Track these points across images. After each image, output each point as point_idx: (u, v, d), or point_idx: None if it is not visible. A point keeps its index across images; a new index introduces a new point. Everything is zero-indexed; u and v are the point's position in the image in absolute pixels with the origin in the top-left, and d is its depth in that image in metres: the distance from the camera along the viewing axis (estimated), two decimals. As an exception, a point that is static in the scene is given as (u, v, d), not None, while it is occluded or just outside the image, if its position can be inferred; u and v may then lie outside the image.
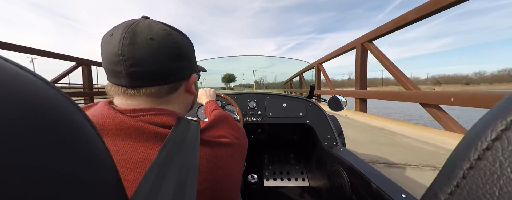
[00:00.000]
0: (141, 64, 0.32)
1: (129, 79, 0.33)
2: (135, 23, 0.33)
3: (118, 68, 0.32)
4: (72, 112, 0.14)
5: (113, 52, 0.31)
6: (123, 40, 0.31)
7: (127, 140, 0.29)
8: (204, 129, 0.36)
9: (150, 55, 0.32)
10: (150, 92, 0.35)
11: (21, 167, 0.10)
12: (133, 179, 0.27)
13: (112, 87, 0.35)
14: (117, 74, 0.33)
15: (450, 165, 0.17)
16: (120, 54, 0.31)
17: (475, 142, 0.15)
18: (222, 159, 0.34)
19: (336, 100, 1.28)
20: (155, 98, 0.36)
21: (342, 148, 1.00)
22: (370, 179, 0.63)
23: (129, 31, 0.32)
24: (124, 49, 0.31)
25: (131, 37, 0.31)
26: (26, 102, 0.11)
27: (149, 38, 0.32)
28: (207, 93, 0.89)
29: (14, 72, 0.12)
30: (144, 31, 0.32)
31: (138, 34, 0.32)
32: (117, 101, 0.36)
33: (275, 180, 1.46)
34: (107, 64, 0.33)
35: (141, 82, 0.34)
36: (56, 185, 0.11)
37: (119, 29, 0.32)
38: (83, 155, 0.13)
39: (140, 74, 0.33)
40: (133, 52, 0.31)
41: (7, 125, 0.10)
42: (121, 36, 0.31)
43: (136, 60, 0.32)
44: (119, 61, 0.31)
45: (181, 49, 0.36)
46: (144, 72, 0.33)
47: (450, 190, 0.16)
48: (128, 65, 0.32)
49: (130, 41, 0.31)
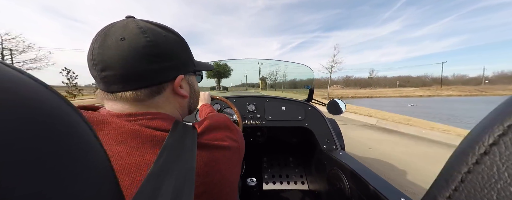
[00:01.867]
0: (111, 68, 0.30)
1: (103, 84, 0.32)
2: (112, 24, 0.32)
3: (93, 73, 0.31)
4: (71, 116, 0.14)
5: (88, 56, 0.31)
6: (94, 43, 0.30)
7: (122, 145, 0.28)
8: (202, 132, 0.35)
9: (119, 57, 0.30)
10: (126, 97, 0.32)
11: (18, 169, 0.10)
12: (128, 184, 0.26)
13: (99, 92, 0.35)
14: (95, 78, 0.32)
15: (448, 169, 0.17)
16: (92, 59, 0.30)
17: (473, 146, 0.15)
18: (220, 162, 0.34)
19: (335, 103, 1.29)
20: (136, 102, 0.34)
21: (342, 152, 1.00)
22: (369, 183, 0.63)
23: (102, 34, 0.30)
24: (95, 52, 0.30)
25: (102, 39, 0.30)
26: (25, 105, 0.11)
27: (120, 39, 0.30)
28: (201, 96, 0.87)
29: (12, 76, 0.12)
30: (116, 32, 0.30)
31: (109, 35, 0.30)
32: (106, 105, 0.35)
33: (274, 184, 1.46)
34: (89, 69, 0.32)
35: (116, 86, 0.32)
36: (54, 188, 0.11)
37: (99, 32, 0.31)
38: (82, 159, 0.13)
39: (112, 78, 0.31)
40: (102, 55, 0.30)
41: (5, 129, 0.10)
42: (95, 38, 0.30)
43: (106, 63, 0.30)
44: (92, 66, 0.31)
45: (159, 48, 0.33)
46: (115, 75, 0.31)
47: (449, 193, 0.16)
48: (99, 70, 0.30)
49: (100, 44, 0.30)
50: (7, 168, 0.09)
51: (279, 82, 4.35)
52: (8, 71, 0.12)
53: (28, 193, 0.10)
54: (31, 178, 0.10)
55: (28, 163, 0.10)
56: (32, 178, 0.10)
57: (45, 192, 0.11)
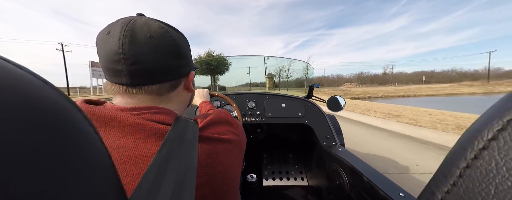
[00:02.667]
0: (142, 62, 0.32)
1: (131, 77, 0.33)
2: (132, 21, 0.33)
3: (118, 67, 0.32)
4: (71, 112, 0.14)
5: (113, 50, 0.31)
6: (123, 38, 0.31)
7: (128, 137, 0.30)
8: (204, 126, 0.36)
9: (150, 53, 0.32)
10: (151, 90, 0.35)
11: (19, 165, 0.10)
12: (136, 174, 0.27)
13: (112, 86, 0.35)
14: (117, 72, 0.33)
15: (447, 164, 0.17)
16: (121, 53, 0.31)
17: (472, 141, 0.15)
18: (222, 154, 0.35)
19: (334, 100, 1.29)
20: (156, 96, 0.36)
21: (341, 148, 1.01)
22: (369, 179, 0.63)
23: (127, 30, 0.31)
24: (125, 47, 0.31)
25: (131, 35, 0.31)
26: (25, 102, 0.11)
27: (149, 36, 0.32)
28: (200, 94, 0.87)
29: (12, 72, 0.12)
30: (143, 29, 0.32)
31: (137, 32, 0.32)
32: (117, 99, 0.36)
33: (274, 180, 1.47)
34: (106, 63, 0.33)
35: (143, 80, 0.34)
36: (54, 183, 0.11)
37: (116, 27, 0.32)
38: (82, 155, 0.13)
39: (142, 72, 0.33)
40: (134, 50, 0.31)
41: (5, 125, 0.10)
42: (120, 34, 0.31)
43: (137, 58, 0.32)
44: (120, 59, 0.31)
45: (180, 47, 0.37)
46: (145, 69, 0.33)
47: (447, 188, 0.16)
48: (130, 63, 0.32)
49: (130, 39, 0.31)
50: (6, 167, 0.09)
51: (282, 80, 4.05)
52: (7, 66, 0.12)
53: (29, 192, 0.10)
54: (31, 177, 0.10)
55: (27, 161, 0.10)
56: (32, 177, 0.10)
57: (46, 190, 0.11)
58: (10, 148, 0.09)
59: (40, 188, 0.10)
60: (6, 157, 0.09)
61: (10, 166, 0.09)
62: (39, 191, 0.10)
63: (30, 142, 0.10)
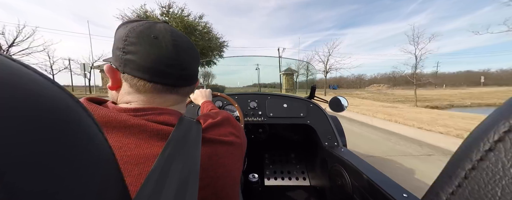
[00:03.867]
0: (188, 68, 0.38)
1: (177, 80, 0.38)
2: (173, 30, 0.37)
3: (170, 70, 0.36)
4: (76, 111, 0.14)
5: (168, 56, 0.35)
6: (176, 47, 0.36)
7: (131, 137, 0.30)
8: (206, 128, 0.37)
9: (192, 61, 0.39)
10: (183, 91, 0.41)
11: (24, 164, 0.10)
12: (137, 174, 0.28)
13: (144, 84, 0.35)
14: (166, 74, 0.36)
15: (452, 165, 0.17)
16: (176, 59, 0.36)
17: (478, 143, 0.15)
18: (224, 156, 0.35)
19: (337, 101, 1.28)
20: (182, 96, 0.42)
21: (343, 149, 1.00)
22: (371, 179, 0.63)
23: (178, 39, 0.37)
24: (179, 55, 0.36)
25: (180, 44, 0.37)
26: (31, 100, 0.11)
27: (187, 47, 0.38)
28: (202, 93, 0.88)
29: (19, 71, 0.12)
30: (183, 40, 0.38)
31: (182, 41, 0.38)
32: (135, 97, 0.36)
33: (276, 180, 1.47)
34: (155, 64, 0.34)
35: (183, 82, 0.39)
36: (59, 182, 0.11)
37: (163, 33, 0.35)
38: (87, 154, 0.13)
39: (186, 76, 0.39)
40: (184, 58, 0.37)
41: (11, 124, 0.10)
42: (173, 42, 0.35)
43: (186, 65, 0.38)
44: (174, 64, 0.36)
45: (199, 55, 0.43)
46: (188, 74, 0.39)
47: (452, 190, 0.16)
48: (181, 69, 0.37)
49: (181, 48, 0.37)
50: (12, 166, 0.09)
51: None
52: (13, 65, 0.12)
53: (34, 191, 0.10)
54: (36, 175, 0.10)
55: (33, 160, 0.10)
56: (37, 175, 0.10)
57: (52, 189, 0.11)
58: (16, 147, 0.10)
59: (45, 187, 0.10)
60: (12, 155, 0.09)
61: (16, 165, 0.09)
62: (44, 190, 0.10)
63: (37, 140, 0.10)
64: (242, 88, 2.54)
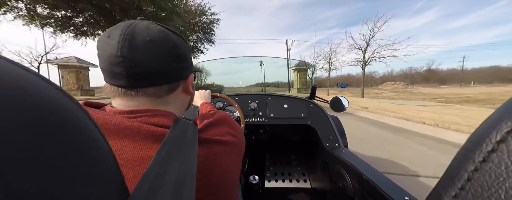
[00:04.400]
0: (140, 65, 0.33)
1: (129, 80, 0.34)
2: (133, 25, 0.33)
3: (117, 70, 0.33)
4: (76, 113, 0.14)
5: (113, 53, 0.32)
6: (122, 41, 0.32)
7: (125, 140, 0.30)
8: (202, 128, 0.36)
9: (149, 56, 0.33)
10: (149, 93, 0.36)
11: (26, 167, 0.10)
12: (132, 177, 0.27)
13: (111, 88, 0.35)
14: (116, 75, 0.33)
15: (454, 167, 0.17)
16: (120, 56, 0.32)
17: (480, 144, 0.15)
18: (220, 156, 0.35)
19: (338, 101, 1.28)
20: (154, 98, 0.37)
21: (344, 150, 1.00)
22: (373, 181, 0.62)
23: (127, 33, 0.32)
24: (124, 50, 0.32)
25: (130, 38, 0.32)
26: (32, 104, 0.11)
27: (148, 40, 0.33)
28: (201, 95, 0.88)
29: (18, 74, 0.12)
30: (142, 33, 0.33)
31: (136, 35, 0.32)
32: (116, 102, 0.36)
33: (277, 181, 1.46)
34: (106, 65, 0.33)
35: (141, 82, 0.35)
36: (62, 184, 0.11)
37: (116, 30, 0.32)
38: (88, 155, 0.14)
39: (140, 75, 0.34)
40: (132, 54, 0.32)
41: (12, 127, 0.10)
42: (119, 37, 0.32)
43: (136, 61, 0.32)
44: (119, 62, 0.32)
45: (179, 50, 0.37)
46: (143, 73, 0.34)
47: (455, 192, 0.16)
48: (128, 67, 0.32)
49: (130, 43, 0.32)
50: (14, 166, 0.09)
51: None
52: (16, 69, 0.12)
53: (35, 191, 0.10)
54: (38, 176, 0.10)
55: (36, 161, 0.10)
56: (38, 176, 0.10)
57: (52, 190, 0.11)
58: (18, 149, 0.10)
59: (44, 188, 0.10)
60: (14, 157, 0.09)
61: (18, 166, 0.09)
62: (43, 190, 0.10)
63: (35, 142, 0.10)
64: (245, 87, 2.38)
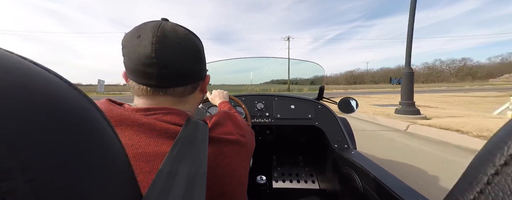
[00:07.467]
0: (171, 66, 0.35)
1: (159, 80, 0.35)
2: (161, 26, 0.35)
3: (149, 70, 0.34)
4: (93, 113, 0.15)
5: (146, 54, 0.33)
6: (156, 43, 0.33)
7: (141, 135, 0.31)
8: (212, 127, 0.37)
9: (178, 58, 0.35)
10: (176, 92, 0.38)
11: (46, 164, 0.10)
12: (149, 171, 0.29)
13: (139, 87, 0.37)
14: (147, 75, 0.35)
15: (473, 170, 0.16)
16: (153, 57, 0.33)
17: (501, 146, 0.14)
18: (229, 155, 0.36)
19: (346, 102, 1.25)
20: (177, 97, 0.39)
21: (354, 151, 0.98)
22: (384, 184, 0.61)
23: (159, 35, 0.33)
24: (158, 52, 0.33)
25: (162, 40, 0.33)
26: (53, 103, 0.12)
27: (178, 42, 0.35)
28: (220, 94, 0.92)
29: (41, 75, 0.13)
30: (171, 35, 0.35)
31: (167, 37, 0.34)
32: (140, 100, 0.38)
33: (284, 182, 1.45)
34: (136, 65, 0.34)
35: (170, 82, 0.37)
36: (77, 181, 0.12)
37: (146, 32, 0.34)
38: (103, 153, 0.14)
39: (170, 75, 0.36)
40: (165, 55, 0.34)
41: (34, 126, 0.10)
42: (152, 39, 0.33)
43: (167, 62, 0.34)
44: (152, 63, 0.33)
45: (200, 52, 0.39)
46: (174, 73, 0.36)
47: (473, 196, 0.15)
48: (160, 67, 0.34)
49: (162, 45, 0.33)
50: (40, 164, 0.10)
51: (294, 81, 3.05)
52: (36, 69, 0.13)
53: (61, 186, 0.11)
54: (62, 173, 0.11)
55: (61, 159, 0.11)
56: (62, 172, 0.11)
57: (74, 184, 0.11)
58: (38, 148, 0.10)
59: (69, 183, 0.11)
60: (34, 154, 0.10)
61: (44, 164, 0.10)
62: (67, 186, 0.11)
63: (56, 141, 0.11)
64: (259, 84, 2.08)
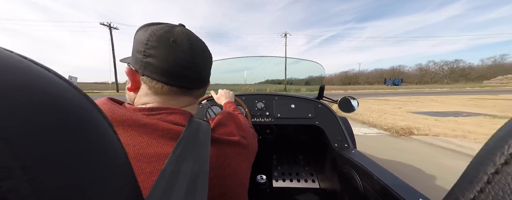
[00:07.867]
0: (202, 71, 0.40)
1: (191, 82, 0.39)
2: (189, 34, 0.38)
3: (187, 73, 0.37)
4: (93, 113, 0.15)
5: (185, 59, 0.36)
6: (193, 50, 0.37)
7: (143, 136, 0.31)
8: (214, 128, 0.38)
9: (205, 63, 0.41)
10: (197, 93, 0.43)
11: (47, 164, 0.10)
12: (149, 172, 0.29)
13: (162, 86, 0.37)
14: (182, 77, 0.37)
15: (473, 169, 0.16)
16: (192, 62, 0.37)
17: (502, 145, 0.14)
18: (230, 156, 0.36)
19: (346, 101, 1.25)
20: (194, 98, 0.43)
21: (354, 150, 0.98)
22: (385, 183, 0.61)
23: (193, 43, 0.38)
24: (196, 58, 0.38)
25: (195, 48, 0.38)
26: (53, 103, 0.12)
27: (203, 50, 0.40)
28: (226, 94, 0.93)
29: (42, 75, 0.13)
30: (199, 44, 0.39)
31: (198, 46, 0.39)
32: (154, 98, 0.38)
33: (284, 181, 1.45)
34: (173, 67, 0.36)
35: (197, 85, 0.41)
36: (77, 180, 0.12)
37: (180, 37, 0.36)
38: (103, 152, 0.14)
39: (199, 79, 0.40)
40: (198, 61, 0.38)
41: (35, 125, 0.10)
42: (190, 46, 0.37)
43: (200, 67, 0.39)
44: (190, 67, 0.37)
45: (212, 58, 0.44)
46: (202, 77, 0.41)
47: (473, 195, 0.15)
48: (196, 71, 0.39)
49: (195, 52, 0.38)
50: (41, 163, 0.10)
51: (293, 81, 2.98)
52: (36, 69, 0.13)
53: (62, 185, 0.11)
54: (63, 172, 0.11)
55: (61, 158, 0.11)
56: (63, 172, 0.11)
57: (77, 185, 0.11)
58: (38, 147, 0.10)
59: (72, 182, 0.11)
60: (34, 153, 0.10)
61: (46, 163, 0.10)
62: (67, 185, 0.11)
63: (56, 140, 0.11)
64: (254, 84, 2.04)
